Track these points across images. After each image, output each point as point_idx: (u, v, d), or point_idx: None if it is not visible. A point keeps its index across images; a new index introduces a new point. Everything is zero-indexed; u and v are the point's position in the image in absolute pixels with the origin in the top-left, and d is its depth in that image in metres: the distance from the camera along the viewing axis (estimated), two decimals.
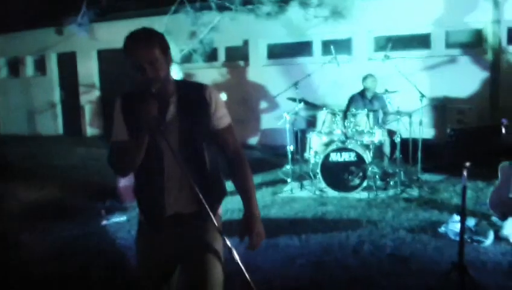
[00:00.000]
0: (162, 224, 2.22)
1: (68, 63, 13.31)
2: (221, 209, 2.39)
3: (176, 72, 6.93)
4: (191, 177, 2.09)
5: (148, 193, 2.25)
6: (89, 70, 13.07)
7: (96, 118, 13.17)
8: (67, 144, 11.87)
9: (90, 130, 13.25)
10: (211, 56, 9.92)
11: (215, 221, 2.11)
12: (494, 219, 4.96)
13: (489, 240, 4.46)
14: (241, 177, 2.28)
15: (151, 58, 2.08)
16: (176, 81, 2.26)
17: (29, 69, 14.21)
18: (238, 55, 11.04)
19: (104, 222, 5.60)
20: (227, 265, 2.32)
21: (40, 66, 13.99)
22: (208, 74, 10.40)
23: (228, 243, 2.20)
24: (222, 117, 2.25)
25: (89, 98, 13.18)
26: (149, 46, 2.10)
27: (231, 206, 5.37)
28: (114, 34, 11.47)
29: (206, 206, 2.06)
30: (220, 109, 2.24)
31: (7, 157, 10.03)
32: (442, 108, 8.58)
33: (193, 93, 2.22)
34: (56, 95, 13.78)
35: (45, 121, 13.82)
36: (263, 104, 10.42)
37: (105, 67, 12.98)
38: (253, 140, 10.38)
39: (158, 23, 7.40)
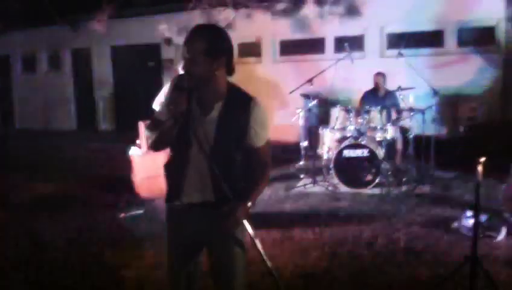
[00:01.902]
0: (180, 208, 2.34)
1: (82, 59, 13.51)
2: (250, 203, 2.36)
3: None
4: (215, 169, 2.21)
5: (172, 176, 2.37)
6: (103, 66, 13.25)
7: (109, 113, 13.34)
8: (81, 138, 12.04)
9: (103, 125, 13.44)
10: None
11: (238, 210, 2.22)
12: (506, 214, 5.01)
13: (501, 235, 4.54)
14: (253, 181, 2.33)
15: (190, 52, 2.13)
16: (230, 86, 2.29)
17: (43, 64, 14.41)
18: (250, 52, 11.14)
19: (122, 215, 5.73)
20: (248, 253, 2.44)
21: (55, 62, 14.18)
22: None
23: (251, 231, 2.31)
24: (260, 135, 2.27)
25: (102, 94, 13.36)
26: (193, 39, 2.15)
27: None
28: (129, 30, 11.74)
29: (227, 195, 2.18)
30: (261, 126, 2.26)
31: (23, 151, 10.23)
32: (454, 105, 8.61)
33: (240, 104, 2.25)
34: (70, 91, 13.97)
35: (60, 116, 14.02)
36: (276, 100, 10.49)
37: (119, 64, 13.15)
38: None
39: (175, 20, 7.53)
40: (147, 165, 6.40)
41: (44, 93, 14.08)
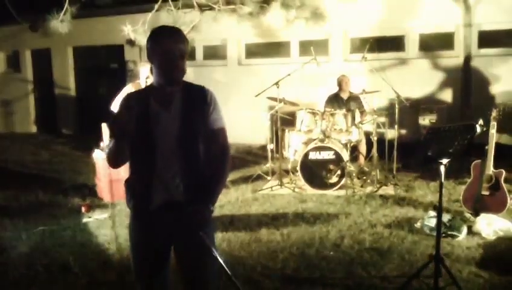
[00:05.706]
0: (151, 210, 2.31)
1: (43, 60, 13.14)
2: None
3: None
4: (184, 168, 2.26)
5: (139, 182, 2.35)
6: (64, 67, 12.92)
7: (71, 115, 13.03)
8: (41, 141, 11.71)
9: (65, 128, 13.11)
10: (190, 55, 9.93)
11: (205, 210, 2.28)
12: (467, 215, 5.17)
13: (462, 234, 4.67)
14: (216, 171, 2.39)
15: (182, 53, 2.23)
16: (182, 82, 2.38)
17: (1, 65, 13.95)
18: (216, 54, 11.12)
19: (86, 219, 5.60)
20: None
21: (14, 63, 13.75)
22: (187, 72, 10.41)
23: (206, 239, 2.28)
24: (217, 119, 2.39)
25: (63, 96, 13.03)
26: (181, 41, 2.25)
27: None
28: (91, 31, 11.50)
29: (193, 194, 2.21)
30: (217, 112, 2.39)
31: None
32: (415, 108, 8.81)
33: (196, 93, 2.37)
34: (30, 93, 13.56)
35: (20, 118, 13.59)
36: (241, 104, 10.51)
37: (80, 65, 12.87)
38: (233, 138, 10.45)
39: (139, 21, 7.43)
40: (111, 169, 6.29)
41: (3, 95, 13.61)
